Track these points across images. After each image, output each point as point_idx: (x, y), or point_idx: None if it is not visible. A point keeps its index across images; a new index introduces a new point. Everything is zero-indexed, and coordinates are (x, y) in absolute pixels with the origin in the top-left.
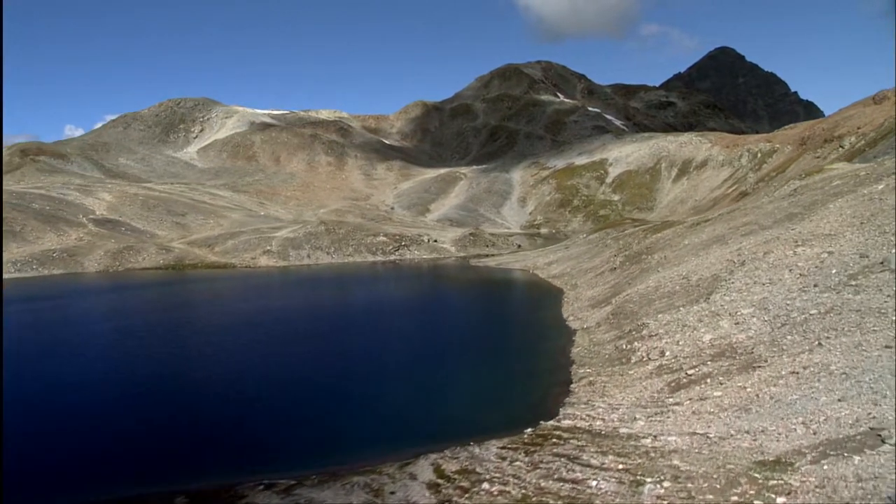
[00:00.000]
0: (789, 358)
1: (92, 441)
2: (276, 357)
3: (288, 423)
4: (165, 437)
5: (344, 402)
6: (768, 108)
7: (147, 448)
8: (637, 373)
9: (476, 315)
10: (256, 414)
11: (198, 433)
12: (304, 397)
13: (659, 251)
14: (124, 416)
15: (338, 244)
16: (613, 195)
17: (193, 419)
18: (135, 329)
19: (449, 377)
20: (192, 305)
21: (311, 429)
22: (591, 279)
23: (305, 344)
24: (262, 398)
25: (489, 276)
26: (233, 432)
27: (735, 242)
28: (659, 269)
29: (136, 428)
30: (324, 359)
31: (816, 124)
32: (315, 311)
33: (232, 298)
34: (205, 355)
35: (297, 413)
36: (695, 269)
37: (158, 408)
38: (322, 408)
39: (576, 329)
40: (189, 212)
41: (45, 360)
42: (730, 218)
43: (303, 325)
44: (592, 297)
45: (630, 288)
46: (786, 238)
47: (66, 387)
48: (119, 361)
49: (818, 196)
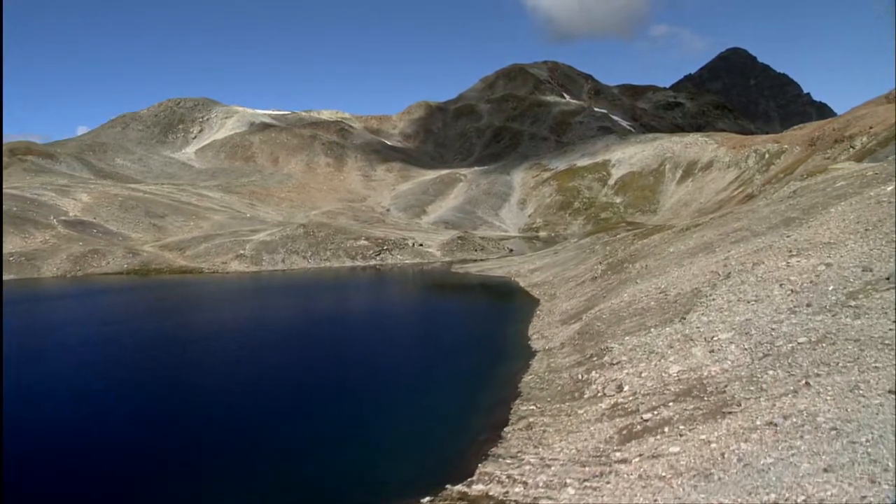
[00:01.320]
0: (768, 402)
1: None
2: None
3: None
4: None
5: (218, 453)
6: (780, 109)
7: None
8: (587, 412)
9: (431, 332)
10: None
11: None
12: (175, 448)
13: (642, 259)
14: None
15: (315, 248)
16: (616, 197)
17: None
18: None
19: (361, 418)
20: (119, 319)
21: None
22: (571, 289)
23: (211, 374)
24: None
25: (465, 284)
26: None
27: (723, 250)
28: (637, 281)
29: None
30: (226, 395)
31: (826, 124)
32: (246, 329)
33: (172, 310)
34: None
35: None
36: (675, 282)
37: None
38: (199, 460)
39: (537, 350)
40: (169, 213)
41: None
42: (721, 223)
43: (221, 345)
44: (566, 310)
45: (604, 302)
46: (779, 246)
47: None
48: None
49: (819, 198)
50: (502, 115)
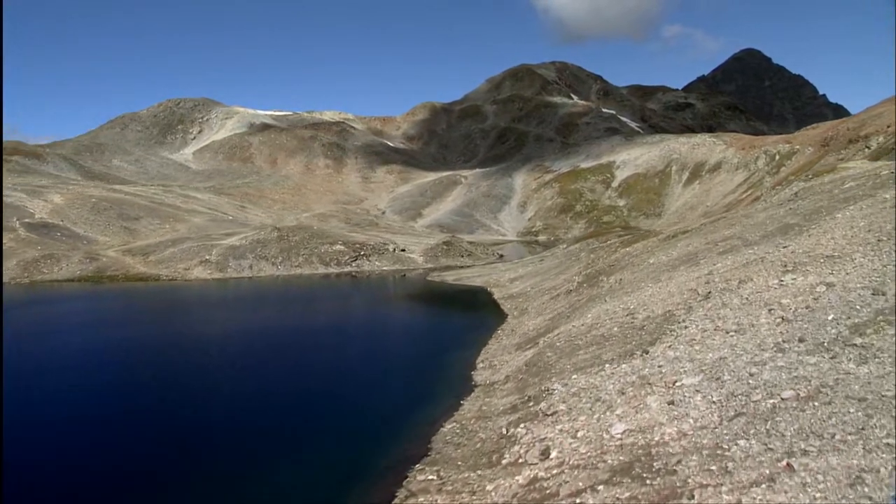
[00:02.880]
0: (732, 494)
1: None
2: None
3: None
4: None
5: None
6: (795, 111)
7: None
8: (497, 491)
9: (365, 358)
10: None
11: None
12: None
13: (619, 271)
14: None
15: (287, 254)
16: (619, 200)
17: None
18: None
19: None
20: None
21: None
22: (544, 303)
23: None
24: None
25: (436, 294)
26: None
27: (708, 263)
28: (607, 298)
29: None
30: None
31: (840, 123)
32: (154, 352)
33: (86, 325)
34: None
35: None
36: (647, 301)
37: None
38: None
39: (478, 384)
40: (146, 215)
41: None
42: (711, 229)
43: (106, 378)
44: (527, 332)
45: (566, 323)
46: (773, 259)
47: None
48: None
49: (823, 201)
50: (508, 116)
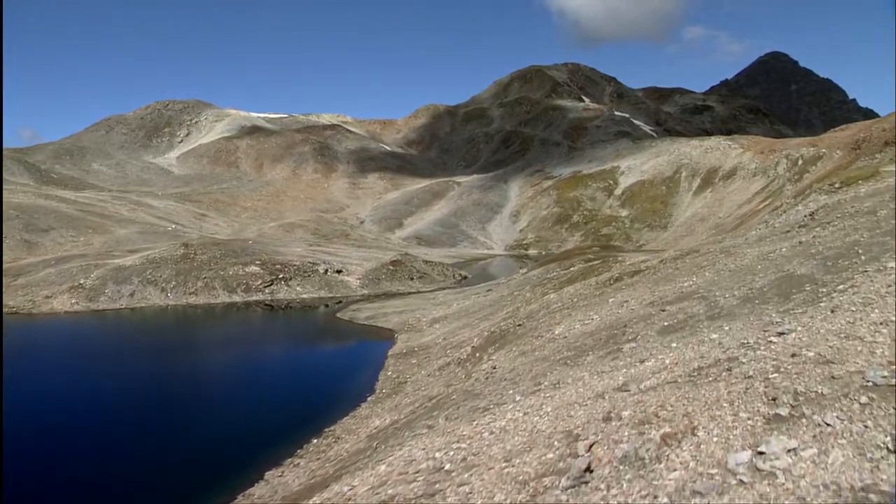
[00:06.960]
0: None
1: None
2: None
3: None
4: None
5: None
6: (823, 116)
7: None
8: None
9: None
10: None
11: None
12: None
13: (511, 343)
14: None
15: (183, 277)
16: (621, 210)
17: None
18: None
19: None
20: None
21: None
22: (427, 376)
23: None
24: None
25: (317, 344)
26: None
27: (633, 355)
28: (442, 418)
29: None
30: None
31: (874, 124)
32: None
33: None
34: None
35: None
36: (482, 450)
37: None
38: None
39: None
40: (61, 226)
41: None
42: (671, 270)
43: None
44: (350, 447)
45: (388, 454)
46: (750, 372)
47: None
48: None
49: (859, 230)
50: (514, 119)
